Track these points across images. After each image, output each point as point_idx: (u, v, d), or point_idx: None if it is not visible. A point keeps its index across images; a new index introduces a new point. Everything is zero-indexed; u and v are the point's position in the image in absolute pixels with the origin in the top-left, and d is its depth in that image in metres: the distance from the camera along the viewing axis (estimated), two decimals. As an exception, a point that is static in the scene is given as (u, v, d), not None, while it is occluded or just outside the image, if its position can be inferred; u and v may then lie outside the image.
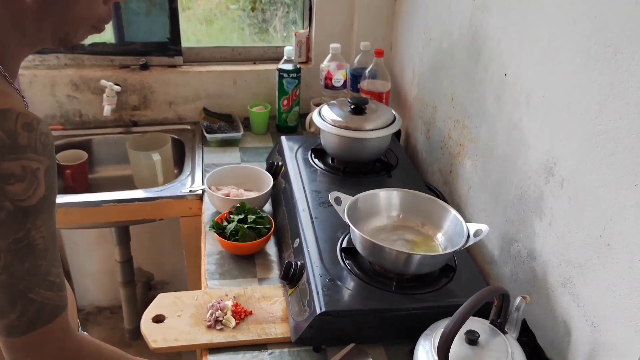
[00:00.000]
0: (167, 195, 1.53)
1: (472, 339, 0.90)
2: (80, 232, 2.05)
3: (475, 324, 0.94)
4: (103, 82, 1.72)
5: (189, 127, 1.89)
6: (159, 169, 1.69)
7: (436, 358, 0.88)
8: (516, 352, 0.91)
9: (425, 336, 0.96)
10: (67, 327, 0.66)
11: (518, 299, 0.95)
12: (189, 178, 1.61)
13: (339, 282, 1.06)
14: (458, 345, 0.89)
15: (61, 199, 1.50)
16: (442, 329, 0.93)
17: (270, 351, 1.05)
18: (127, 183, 1.80)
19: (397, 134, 1.69)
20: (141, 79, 1.82)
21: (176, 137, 1.83)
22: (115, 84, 1.76)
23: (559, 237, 0.98)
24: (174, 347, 1.03)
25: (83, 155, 1.75)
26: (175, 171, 1.81)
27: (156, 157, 1.68)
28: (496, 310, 0.95)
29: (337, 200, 1.15)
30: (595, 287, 0.89)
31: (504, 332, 0.95)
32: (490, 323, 0.96)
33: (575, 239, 0.93)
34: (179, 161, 1.79)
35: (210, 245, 1.33)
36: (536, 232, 1.05)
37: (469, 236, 1.07)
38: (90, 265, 2.12)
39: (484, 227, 1.06)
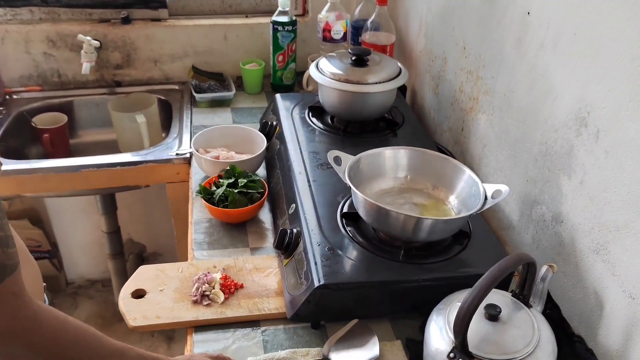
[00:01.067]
0: (152, 160, 1.41)
1: (493, 314, 0.79)
2: (65, 201, 1.93)
3: (495, 296, 0.82)
4: (80, 36, 1.57)
5: (176, 87, 1.75)
6: (145, 132, 1.56)
7: (451, 336, 0.77)
8: (543, 329, 0.80)
9: (438, 311, 0.85)
10: (19, 292, 0.58)
11: (544, 268, 0.83)
12: (176, 141, 1.48)
13: (339, 252, 0.94)
14: (476, 321, 0.77)
15: (38, 164, 1.38)
16: (459, 304, 0.82)
17: (263, 328, 0.94)
18: (111, 148, 1.67)
19: (402, 91, 1.56)
20: (123, 35, 1.67)
21: (163, 97, 1.70)
22: (95, 40, 1.61)
23: (592, 198, 0.85)
24: (155, 325, 0.92)
25: (62, 118, 1.62)
26: (163, 134, 1.68)
27: (141, 119, 1.54)
28: (520, 281, 0.83)
29: (337, 160, 1.02)
30: (636, 254, 0.76)
31: (529, 306, 0.83)
32: (512, 295, 0.85)
33: (612, 198, 0.81)
34: (166, 124, 1.66)
35: (199, 213, 1.21)
36: (563, 193, 0.93)
37: (486, 198, 0.94)
38: (78, 236, 2.01)
39: (503, 188, 0.93)
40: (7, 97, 1.64)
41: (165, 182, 1.44)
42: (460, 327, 0.73)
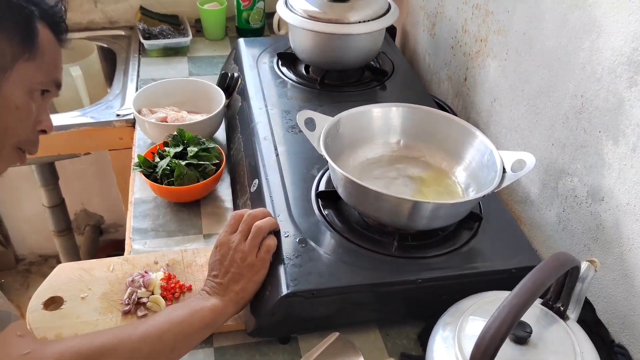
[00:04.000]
0: (89, 122, 1.15)
1: (522, 336, 0.58)
2: None
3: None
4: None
5: (122, 33, 1.47)
6: (82, 88, 1.30)
7: (465, 365, 0.56)
8: (586, 350, 0.59)
9: (445, 324, 0.64)
10: (25, 333, 0.56)
11: (584, 266, 0.62)
12: (119, 98, 1.23)
13: (313, 244, 0.72)
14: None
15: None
16: (473, 317, 0.61)
17: (217, 346, 0.72)
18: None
19: (391, 33, 1.30)
20: (52, -32, 1.37)
21: (105, 45, 1.42)
22: (16, -25, 1.31)
23: (651, 171, 0.63)
24: (63, 339, 0.70)
25: (-17, 72, 1.34)
26: (108, 90, 1.41)
27: (76, 71, 1.28)
28: (556, 287, 0.62)
29: (310, 124, 0.78)
30: None
31: (565, 318, 0.62)
32: (544, 305, 0.64)
33: (684, 174, 0.59)
34: (111, 77, 1.39)
35: (141, 191, 0.97)
36: (606, 162, 0.71)
37: (504, 171, 0.72)
38: (23, 209, 1.77)
39: (527, 158, 0.71)
40: None
41: (107, 150, 1.19)
42: (482, 362, 0.52)
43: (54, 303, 0.75)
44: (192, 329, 0.65)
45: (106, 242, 1.91)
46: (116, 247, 1.83)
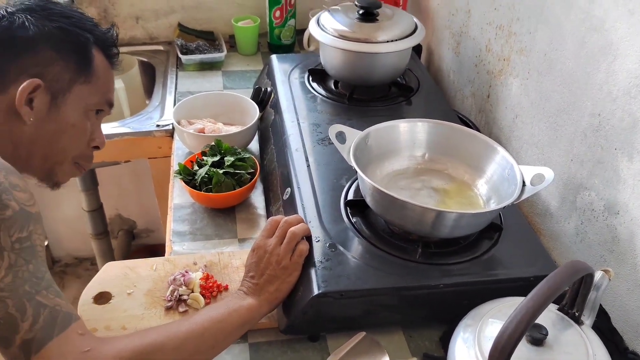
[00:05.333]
0: (130, 132, 1.23)
1: (538, 337, 0.62)
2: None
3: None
4: (46, -11, 1.37)
5: (161, 48, 1.56)
6: (124, 99, 1.38)
7: (484, 364, 0.61)
8: (599, 354, 0.63)
9: (465, 327, 0.69)
10: (86, 332, 0.61)
11: (598, 275, 0.66)
12: (158, 110, 1.30)
13: (342, 249, 0.77)
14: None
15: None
16: (492, 320, 0.66)
17: (251, 342, 0.78)
18: (90, 117, 1.49)
19: (417, 51, 1.35)
20: (97, -13, 1.46)
21: (145, 59, 1.51)
22: (66, -7, 1.41)
23: (664, 187, 0.67)
24: (117, 336, 0.76)
25: (33, 84, 1.43)
26: (148, 102, 1.49)
27: (119, 84, 1.36)
28: (571, 293, 0.66)
29: (341, 137, 0.84)
30: None
31: (579, 323, 0.66)
32: (560, 310, 0.68)
33: (694, 190, 0.63)
34: (150, 89, 1.47)
35: (180, 197, 1.04)
36: (622, 177, 0.75)
37: (524, 185, 0.76)
38: (62, 212, 1.86)
39: (546, 172, 0.75)
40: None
41: (146, 158, 1.26)
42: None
43: (102, 298, 0.82)
44: (230, 327, 0.70)
45: (138, 246, 1.99)
46: (148, 252, 1.91)
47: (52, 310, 0.58)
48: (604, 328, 0.78)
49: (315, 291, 0.72)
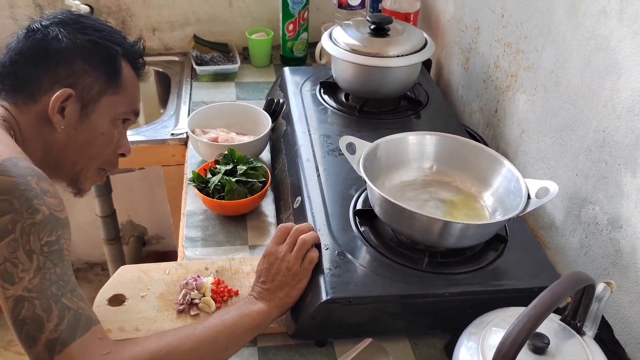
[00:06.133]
0: (145, 140, 1.26)
1: (540, 346, 0.63)
2: (60, 181, 1.81)
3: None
4: (68, 1, 1.41)
5: (176, 59, 1.60)
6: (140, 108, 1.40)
7: (487, 371, 0.62)
8: (600, 364, 0.64)
9: (469, 335, 0.70)
10: (105, 336, 0.63)
11: (600, 287, 0.67)
12: (173, 119, 1.34)
13: (350, 257, 0.80)
14: (519, 354, 0.62)
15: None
16: (495, 328, 0.67)
17: (260, 346, 0.80)
18: (106, 125, 1.52)
19: (427, 66, 1.38)
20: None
21: (161, 70, 1.55)
22: (86, 5, 1.45)
23: (666, 202, 0.69)
24: (133, 339, 0.78)
25: (51, 91, 1.47)
26: (162, 110, 1.53)
27: (135, 93, 1.39)
28: (573, 304, 0.68)
29: (351, 148, 0.86)
30: None
31: (581, 334, 0.68)
32: (562, 320, 0.69)
33: (695, 205, 0.64)
34: (164, 99, 1.51)
35: (193, 204, 1.06)
36: (625, 192, 0.76)
37: (529, 197, 0.78)
38: (74, 217, 1.88)
39: (551, 186, 0.77)
40: (-8, 67, 1.50)
41: (160, 165, 1.29)
42: (502, 366, 0.58)
43: (116, 300, 0.84)
44: (242, 330, 0.72)
45: (148, 252, 2.02)
46: (158, 258, 1.93)
47: (76, 312, 0.61)
48: (607, 340, 0.79)
49: (324, 297, 0.74)
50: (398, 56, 1.09)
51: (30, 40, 0.74)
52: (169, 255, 1.94)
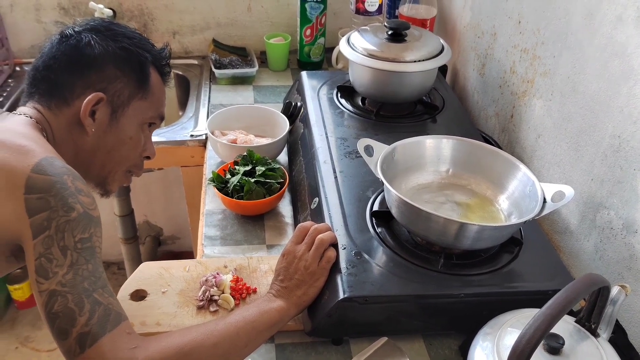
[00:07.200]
0: (165, 141, 1.29)
1: (555, 346, 0.65)
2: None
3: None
4: (92, 4, 1.45)
5: (195, 62, 1.63)
6: (159, 110, 1.43)
7: (501, 371, 0.63)
8: (614, 366, 0.65)
9: (484, 335, 0.71)
10: (132, 331, 0.65)
11: (615, 290, 0.68)
12: (192, 121, 1.36)
13: (367, 257, 0.81)
14: (534, 354, 0.63)
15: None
16: (510, 329, 0.69)
17: (277, 343, 0.82)
18: (126, 126, 1.56)
19: (442, 71, 1.39)
20: (139, 4, 1.54)
21: (180, 73, 1.58)
22: (109, 8, 1.49)
23: (681, 207, 0.70)
24: (155, 334, 0.80)
25: (74, 93, 1.51)
26: (180, 113, 1.56)
27: (155, 95, 1.42)
28: (588, 306, 0.68)
29: (368, 150, 0.88)
30: None
31: (596, 336, 0.69)
32: (577, 322, 0.70)
33: None
34: (183, 101, 1.54)
35: (212, 203, 1.09)
36: (640, 198, 0.77)
37: (545, 201, 0.79)
38: (93, 217, 1.92)
39: (567, 190, 0.78)
40: (17, 68, 1.54)
41: (179, 166, 1.32)
42: (517, 365, 0.59)
43: (138, 295, 0.87)
44: (262, 327, 0.74)
45: (164, 252, 2.05)
46: (173, 258, 1.95)
47: (106, 308, 0.63)
48: (621, 344, 0.79)
49: (341, 295, 0.75)
50: (415, 61, 1.11)
51: (64, 46, 0.77)
52: (184, 255, 1.96)
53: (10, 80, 1.50)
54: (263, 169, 1.04)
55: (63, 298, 0.61)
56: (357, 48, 1.14)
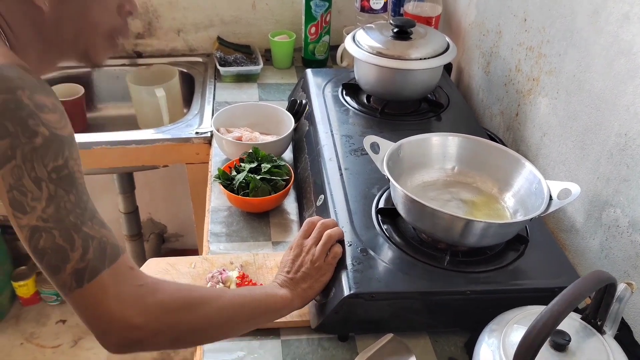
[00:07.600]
0: (170, 138, 1.30)
1: (561, 343, 0.65)
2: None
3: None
4: None
5: (200, 60, 1.63)
6: (164, 107, 1.44)
7: (508, 366, 0.64)
8: (620, 362, 0.65)
9: (490, 331, 0.71)
10: (134, 266, 0.62)
11: (620, 287, 0.68)
12: (197, 118, 1.37)
13: (373, 253, 0.81)
14: (540, 351, 0.64)
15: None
16: (516, 325, 0.69)
17: (283, 338, 0.82)
18: (131, 123, 1.56)
19: (447, 69, 1.39)
20: (144, 1, 1.55)
21: (185, 70, 1.58)
22: (114, 6, 1.49)
23: (688, 205, 0.70)
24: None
25: (79, 90, 1.51)
26: (185, 110, 1.56)
27: (160, 92, 1.43)
28: (594, 303, 0.69)
29: (374, 147, 0.88)
30: None
31: (602, 333, 0.69)
32: (583, 319, 0.70)
33: None
34: (188, 98, 1.54)
35: (217, 200, 1.09)
36: (646, 196, 0.77)
37: (551, 199, 0.80)
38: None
39: (573, 187, 0.78)
40: (22, 66, 1.54)
41: (184, 163, 1.32)
42: (523, 361, 0.59)
43: (145, 291, 0.87)
44: (266, 308, 0.74)
45: (167, 250, 2.05)
46: (177, 255, 1.96)
47: (100, 241, 0.58)
48: (627, 341, 0.80)
49: (347, 292, 0.76)
50: (420, 59, 1.11)
51: None
52: (188, 253, 1.95)
53: None
54: (269, 166, 1.04)
55: (48, 234, 0.55)
56: (363, 45, 1.14)
